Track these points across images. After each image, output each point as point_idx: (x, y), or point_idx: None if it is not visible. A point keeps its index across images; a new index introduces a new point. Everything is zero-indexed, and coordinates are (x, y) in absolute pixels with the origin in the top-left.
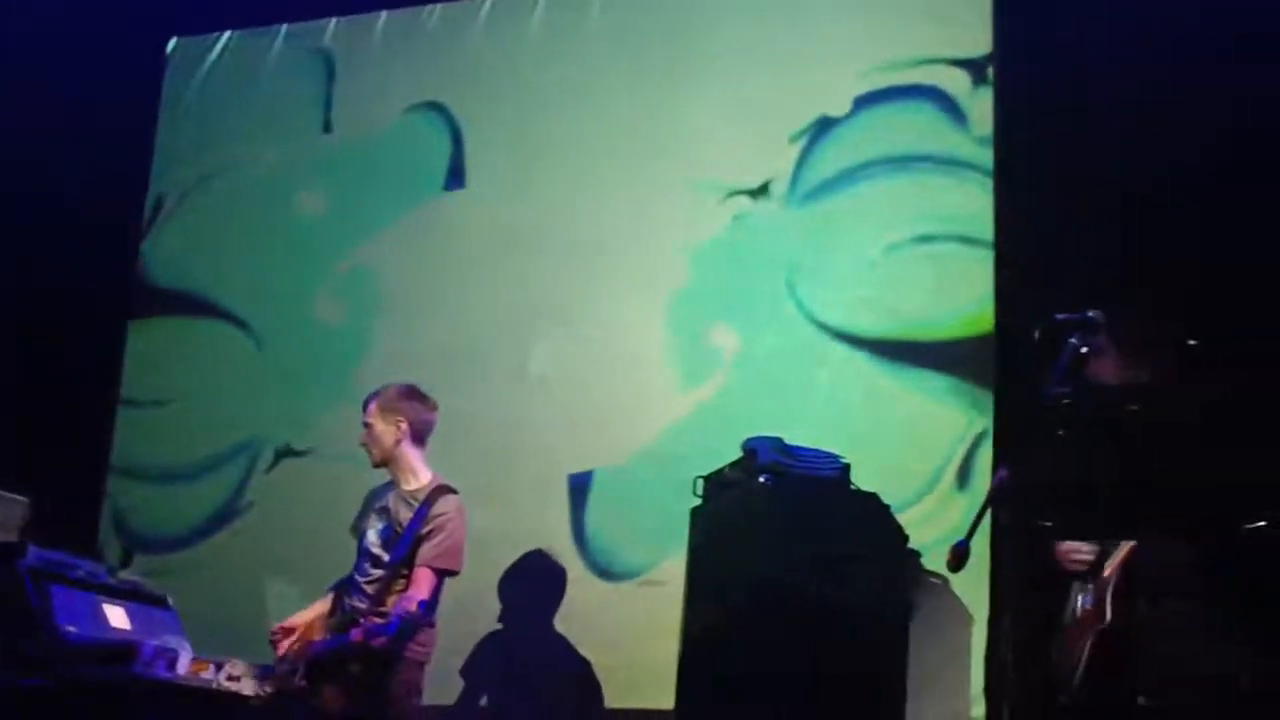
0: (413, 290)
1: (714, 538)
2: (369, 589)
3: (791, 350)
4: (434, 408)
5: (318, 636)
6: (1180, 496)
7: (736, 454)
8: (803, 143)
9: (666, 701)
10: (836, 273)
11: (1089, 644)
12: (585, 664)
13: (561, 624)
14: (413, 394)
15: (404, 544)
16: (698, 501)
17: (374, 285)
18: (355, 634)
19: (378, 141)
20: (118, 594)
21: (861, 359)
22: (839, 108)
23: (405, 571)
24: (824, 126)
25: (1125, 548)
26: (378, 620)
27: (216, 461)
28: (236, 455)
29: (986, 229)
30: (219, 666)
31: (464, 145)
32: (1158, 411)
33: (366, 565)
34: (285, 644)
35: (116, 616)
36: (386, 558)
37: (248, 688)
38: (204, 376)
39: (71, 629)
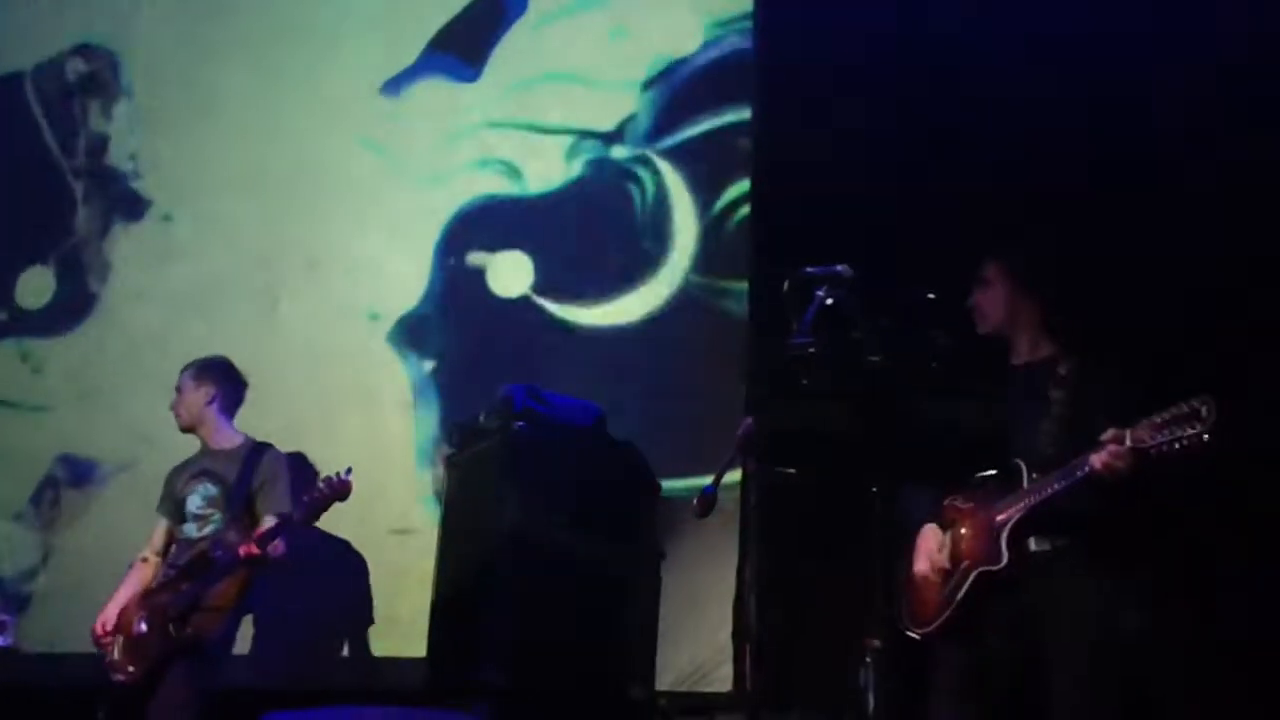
0: None
1: (467, 485)
2: (203, 544)
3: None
4: (243, 383)
5: (142, 612)
6: (919, 445)
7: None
8: None
9: (418, 650)
10: None
11: (968, 583)
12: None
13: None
14: (224, 367)
15: (237, 498)
16: (450, 450)
17: None
18: (242, 548)
19: None
20: None
21: None
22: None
23: (244, 522)
24: None
25: (1026, 496)
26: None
27: None
28: None
29: None
30: None
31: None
32: (898, 362)
33: (193, 527)
34: (113, 635)
35: None
36: (217, 515)
37: None
38: None
39: None
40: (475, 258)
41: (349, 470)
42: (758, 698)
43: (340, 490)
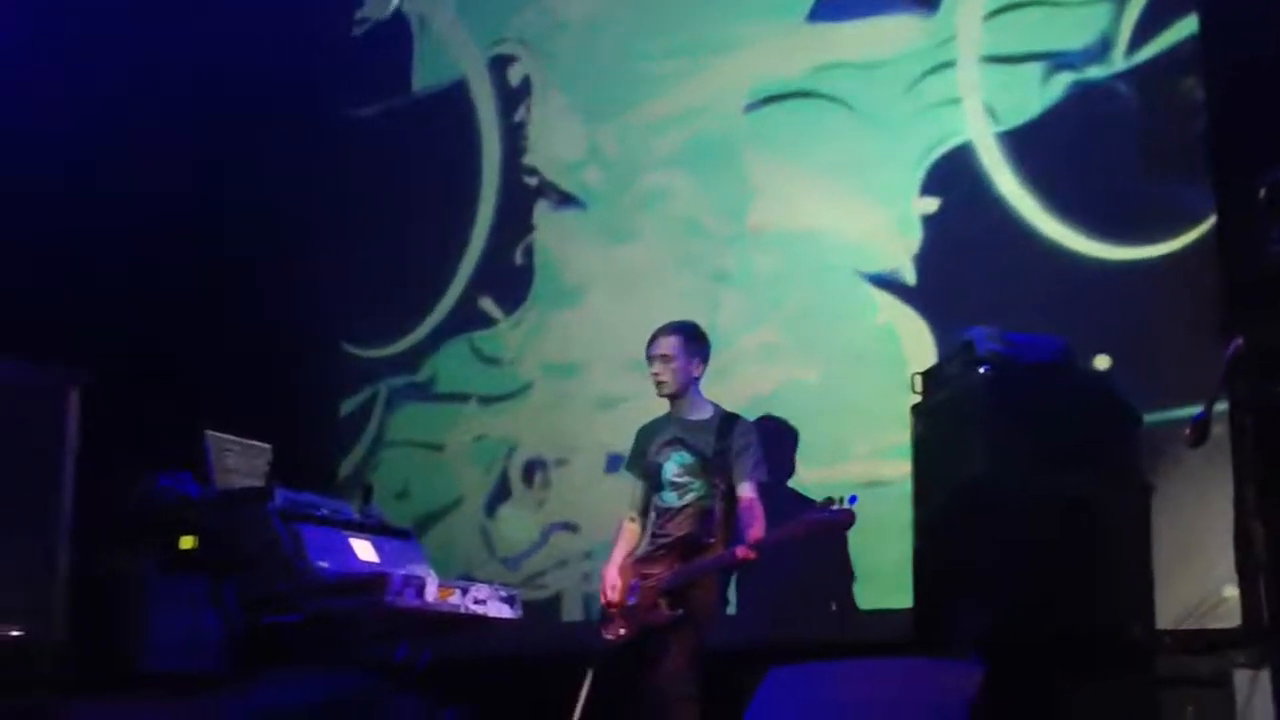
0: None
1: (936, 433)
2: (688, 514)
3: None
4: (710, 344)
5: (634, 580)
6: None
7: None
8: None
9: (903, 601)
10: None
11: None
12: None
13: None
14: (702, 333)
15: (716, 468)
16: (916, 398)
17: None
18: (739, 551)
19: None
20: (363, 529)
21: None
22: None
23: (720, 491)
24: None
25: None
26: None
27: None
28: None
29: None
30: (465, 591)
31: None
32: None
33: (672, 495)
34: (617, 597)
35: (364, 550)
36: (696, 483)
37: (494, 610)
38: None
39: (323, 564)
40: (925, 203)
41: (854, 498)
42: (1272, 631)
43: (844, 522)
